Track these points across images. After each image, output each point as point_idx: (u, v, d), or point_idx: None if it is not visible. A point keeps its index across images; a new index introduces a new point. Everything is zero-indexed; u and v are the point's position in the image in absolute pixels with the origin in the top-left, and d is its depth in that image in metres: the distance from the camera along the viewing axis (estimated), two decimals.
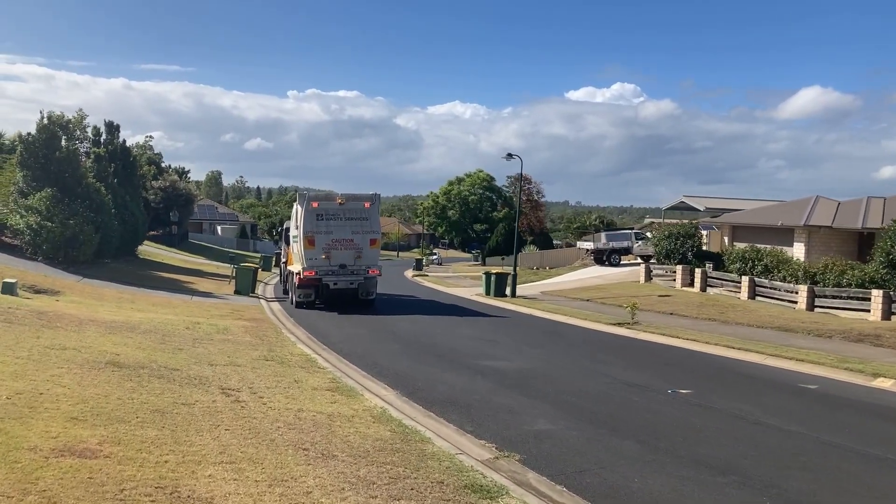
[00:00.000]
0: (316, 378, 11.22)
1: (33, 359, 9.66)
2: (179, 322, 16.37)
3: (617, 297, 27.36)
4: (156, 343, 12.83)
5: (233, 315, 19.56)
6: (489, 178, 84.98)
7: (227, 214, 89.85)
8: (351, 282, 23.84)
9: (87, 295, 20.17)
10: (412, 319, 21.22)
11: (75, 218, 26.00)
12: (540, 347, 15.96)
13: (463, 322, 20.80)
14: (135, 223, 35.87)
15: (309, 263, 23.33)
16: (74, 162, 27.99)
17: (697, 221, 31.95)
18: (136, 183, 39.99)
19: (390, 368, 12.73)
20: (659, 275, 31.72)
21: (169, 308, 19.82)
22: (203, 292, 26.13)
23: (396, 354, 14.47)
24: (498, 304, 26.85)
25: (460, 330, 18.77)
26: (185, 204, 54.25)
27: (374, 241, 24.17)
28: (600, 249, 40.96)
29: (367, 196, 24.47)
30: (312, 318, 20.78)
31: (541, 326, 20.40)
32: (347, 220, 23.76)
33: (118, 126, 38.88)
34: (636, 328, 19.35)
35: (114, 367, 9.89)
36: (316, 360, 13.20)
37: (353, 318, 21.21)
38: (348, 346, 15.32)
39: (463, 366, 13.14)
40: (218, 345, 13.74)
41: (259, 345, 14.48)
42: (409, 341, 16.44)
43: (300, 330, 18.03)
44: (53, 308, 15.50)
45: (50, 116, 27.47)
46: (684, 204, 42.74)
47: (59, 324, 13.30)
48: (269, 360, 12.60)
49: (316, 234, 23.44)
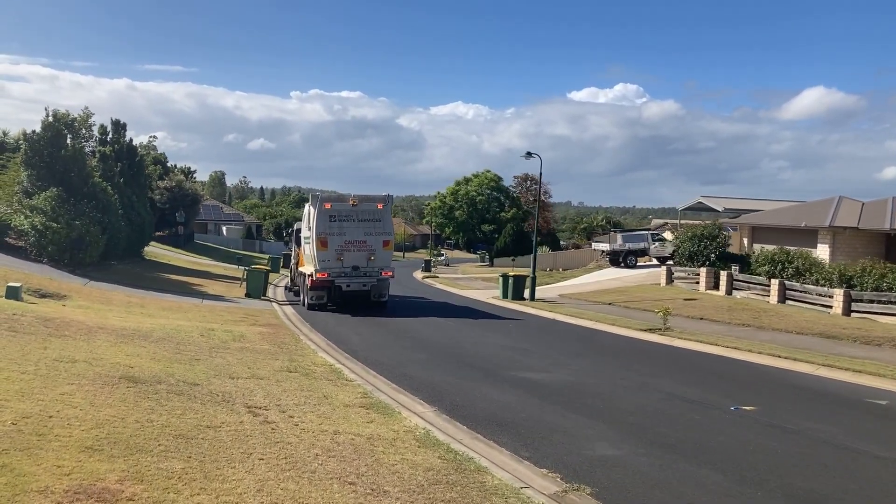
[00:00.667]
0: (346, 393, 10.35)
1: (41, 374, 8.80)
2: (193, 329, 15.51)
3: (641, 301, 26.47)
4: (171, 353, 11.97)
5: (247, 320, 18.70)
6: (497, 178, 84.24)
7: (232, 215, 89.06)
8: (364, 284, 23.07)
9: (94, 299, 19.32)
10: (432, 324, 20.34)
11: (81, 218, 25.17)
12: (576, 356, 15.07)
13: (486, 327, 19.91)
14: (141, 224, 35.03)
15: (321, 265, 22.56)
16: (80, 161, 27.16)
17: (721, 222, 31.04)
18: (143, 182, 39.17)
19: (422, 380, 11.85)
20: (681, 277, 30.79)
21: (180, 313, 18.97)
22: (213, 295, 25.27)
23: (425, 364, 13.60)
24: (517, 307, 25.95)
25: (487, 336, 17.89)
26: (191, 204, 53.40)
27: (388, 242, 23.39)
28: (616, 251, 40.01)
29: (379, 197, 23.71)
30: (328, 323, 19.92)
31: (570, 333, 19.50)
32: (360, 221, 23.03)
33: (125, 124, 38.07)
34: (669, 334, 18.45)
35: (129, 383, 9.03)
36: (341, 370, 12.32)
37: (370, 322, 20.36)
38: (372, 355, 14.46)
39: (499, 378, 12.25)
40: (236, 354, 12.89)
41: (279, 353, 13.62)
42: (435, 349, 15.56)
43: (318, 336, 17.17)
44: (60, 314, 14.65)
45: (55, 114, 26.62)
46: (701, 204, 41.80)
47: (67, 332, 12.44)
48: (293, 371, 11.73)
49: (329, 236, 22.67)
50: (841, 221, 31.88)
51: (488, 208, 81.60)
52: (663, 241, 40.66)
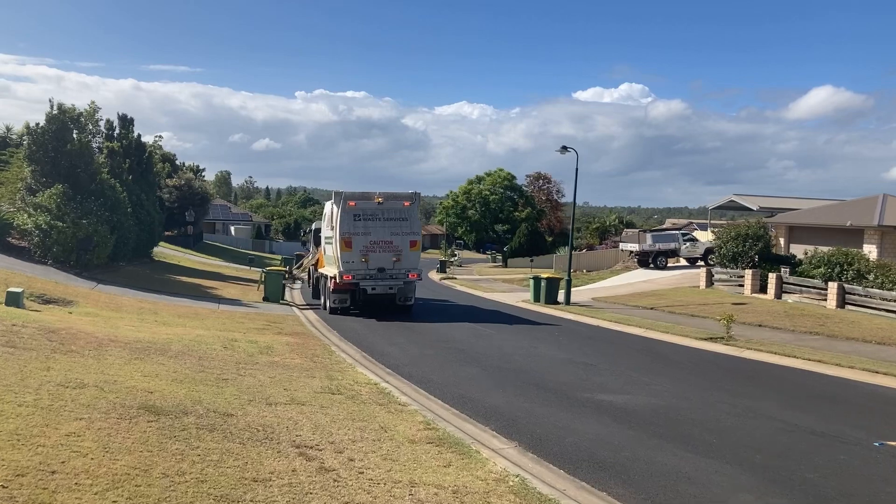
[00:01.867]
0: (405, 422, 8.68)
1: (42, 406, 7.15)
2: (213, 339, 13.88)
3: (685, 306, 24.74)
4: (193, 371, 10.33)
5: (270, 328, 17.06)
6: (510, 176, 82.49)
7: (240, 214, 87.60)
8: (390, 286, 21.52)
9: (103, 305, 17.70)
10: (469, 331, 18.67)
11: (89, 217, 23.56)
12: (648, 372, 13.36)
13: (531, 336, 18.23)
14: (151, 223, 33.44)
15: (345, 267, 20.99)
16: (87, 156, 25.54)
17: (765, 221, 29.31)
18: (152, 180, 37.59)
19: (486, 405, 10.18)
20: (722, 280, 29.03)
21: (197, 320, 17.34)
22: (229, 299, 23.65)
23: (480, 382, 11.92)
24: (554, 312, 24.24)
25: (537, 347, 16.19)
26: (200, 203, 51.81)
27: (415, 242, 21.80)
28: (645, 251, 38.22)
29: (406, 195, 22.12)
30: (357, 330, 18.28)
31: (625, 342, 17.79)
32: (386, 220, 21.47)
33: (132, 120, 36.53)
34: (734, 344, 16.75)
35: (150, 415, 7.39)
36: (389, 391, 10.66)
37: (401, 329, 18.71)
38: (417, 370, 12.80)
39: (574, 401, 10.57)
40: (266, 370, 11.24)
41: (314, 370, 11.97)
42: (485, 363, 13.87)
43: (350, 346, 15.52)
44: (66, 323, 13.02)
45: (60, 106, 24.99)
46: (734, 203, 40.02)
47: (74, 346, 10.81)
48: (335, 393, 10.08)
49: (353, 236, 21.10)
50: (890, 220, 30.14)
51: (502, 207, 79.82)
52: (694, 242, 38.91)
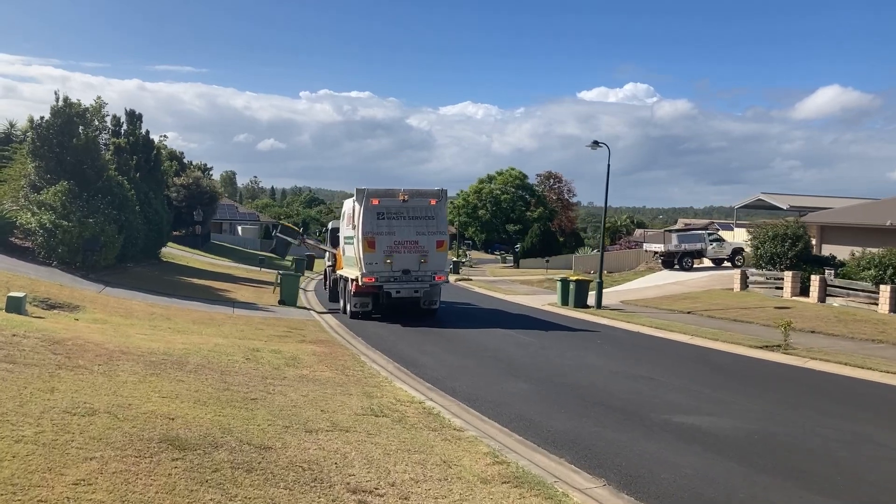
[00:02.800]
0: (467, 453, 7.41)
1: (45, 441, 5.89)
2: (234, 349, 12.62)
3: (724, 310, 23.41)
4: (217, 389, 9.07)
5: (292, 335, 15.80)
6: (521, 175, 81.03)
7: (247, 214, 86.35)
8: (416, 290, 20.28)
9: (112, 310, 16.46)
10: (505, 338, 17.39)
11: (95, 216, 22.33)
12: (719, 388, 12.04)
13: (572, 343, 16.94)
14: (159, 222, 32.20)
15: (368, 268, 19.76)
16: (94, 151, 24.32)
17: (804, 221, 27.99)
18: (160, 178, 36.36)
19: (550, 429, 8.91)
20: (758, 282, 27.68)
21: (213, 326, 16.08)
22: (244, 303, 22.40)
23: (535, 400, 10.65)
24: (586, 317, 22.93)
25: (584, 357, 14.89)
26: (209, 202, 50.53)
27: (442, 242, 20.54)
28: (671, 252, 36.87)
29: (433, 192, 20.87)
30: (383, 336, 17.03)
31: (674, 351, 16.48)
32: (411, 219, 20.25)
33: (140, 116, 35.24)
34: (795, 353, 15.44)
35: (174, 451, 6.13)
36: (437, 411, 9.39)
37: (430, 336, 17.47)
38: (461, 384, 11.53)
39: (651, 424, 9.27)
40: (297, 387, 9.99)
41: (347, 384, 10.72)
42: (533, 376, 12.59)
43: (380, 356, 14.26)
44: (72, 332, 11.78)
45: (66, 100, 23.77)
46: (762, 202, 38.64)
47: (82, 360, 9.55)
48: (379, 414, 8.82)
49: (377, 236, 19.87)
50: None
51: (513, 207, 78.34)
52: (721, 242, 37.58)
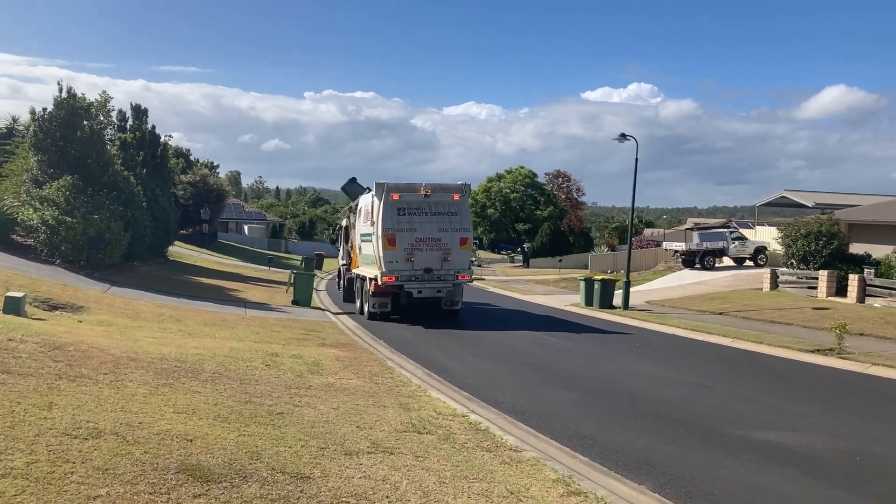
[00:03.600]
0: (533, 480, 6.33)
1: (38, 476, 4.82)
2: (251, 354, 11.56)
3: (758, 311, 22.29)
4: (239, 402, 8.01)
5: (311, 338, 14.74)
6: (531, 174, 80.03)
7: (253, 213, 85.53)
8: (438, 289, 19.25)
9: (118, 311, 15.41)
10: (536, 341, 16.31)
11: (101, 212, 21.31)
12: (787, 397, 10.93)
13: (610, 347, 15.85)
14: (166, 220, 31.20)
15: (388, 267, 18.72)
16: (99, 144, 23.31)
17: (838, 218, 26.86)
18: (167, 175, 35.39)
19: (617, 447, 7.83)
20: (789, 281, 26.53)
21: (226, 329, 15.03)
22: (256, 303, 21.35)
23: (588, 412, 9.56)
24: (615, 318, 21.83)
25: (630, 363, 13.78)
26: (216, 200, 49.53)
27: (465, 240, 19.49)
28: (692, 251, 35.72)
29: (456, 186, 19.86)
30: (407, 339, 15.97)
31: (723, 356, 15.32)
32: (434, 214, 19.23)
33: (146, 110, 34.32)
34: (852, 358, 14.32)
35: (195, 484, 5.07)
36: (485, 426, 8.31)
37: (455, 339, 16.40)
38: (501, 393, 10.47)
39: (729, 441, 8.18)
40: (325, 397, 8.92)
41: (379, 393, 9.65)
42: (578, 383, 11.50)
43: (407, 361, 13.20)
44: (75, 336, 10.73)
45: (69, 90, 22.74)
46: (786, 199, 37.43)
47: (85, 369, 8.49)
48: (421, 430, 7.76)
49: (398, 232, 18.83)
50: None
51: (523, 206, 77.29)
52: (743, 241, 36.43)
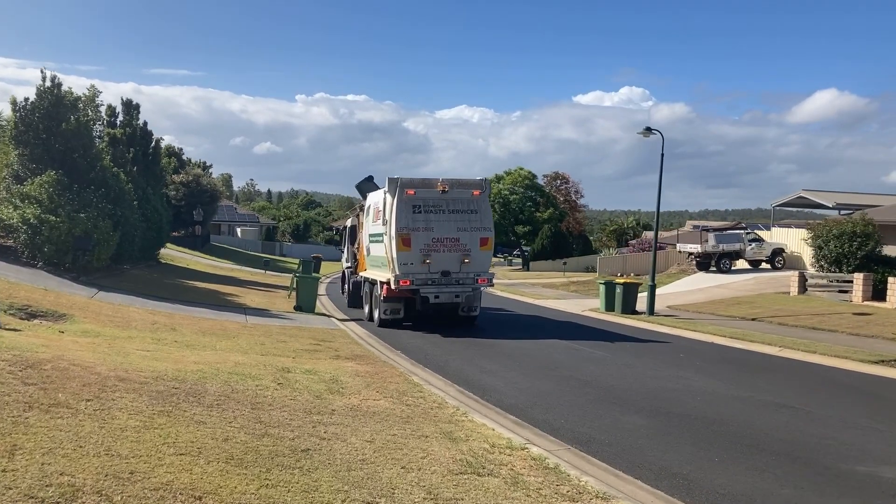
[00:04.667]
0: None
1: None
2: (259, 369, 9.99)
3: (794, 316, 20.86)
4: (253, 435, 6.45)
5: (322, 349, 13.16)
6: (531, 175, 78.45)
7: (247, 215, 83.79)
8: (456, 294, 17.79)
9: (106, 319, 13.78)
10: (570, 352, 14.81)
11: (87, 210, 19.68)
12: (888, 420, 9.49)
13: (655, 359, 14.36)
14: (158, 221, 29.53)
15: (403, 270, 17.20)
16: (86, 137, 21.65)
17: (871, 218, 25.55)
18: (159, 174, 33.71)
19: (723, 490, 6.33)
20: (820, 285, 25.15)
21: (227, 338, 13.43)
22: (256, 309, 19.76)
23: (668, 443, 8.04)
24: (643, 325, 20.36)
25: (686, 378, 12.26)
26: (209, 201, 47.79)
27: (486, 240, 17.97)
28: (708, 253, 34.35)
29: (475, 182, 18.44)
30: (426, 350, 14.42)
31: (783, 369, 13.82)
32: (451, 213, 17.74)
33: (137, 105, 32.60)
34: None
35: None
36: (552, 462, 6.80)
37: (480, 348, 14.87)
38: (555, 417, 8.96)
39: (857, 483, 6.70)
40: (354, 425, 7.38)
41: (414, 418, 8.12)
42: (639, 403, 9.99)
43: (434, 376, 11.66)
44: (55, 350, 9.14)
45: (54, 79, 21.08)
46: (804, 199, 36.12)
47: (63, 394, 6.91)
48: (480, 471, 6.24)
49: (413, 232, 17.31)
50: None
51: (522, 208, 75.68)
52: (760, 242, 35.11)
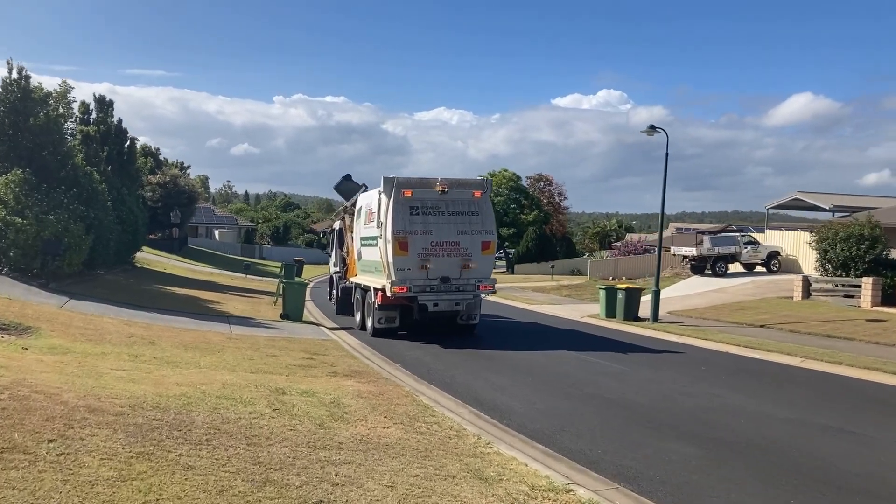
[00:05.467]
0: None
1: None
2: (250, 391, 8.81)
3: (805, 323, 20.03)
4: (254, 483, 5.31)
5: (317, 364, 11.98)
6: (515, 176, 77.64)
7: (224, 217, 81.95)
8: (456, 302, 16.75)
9: (76, 332, 12.47)
10: (582, 365, 13.78)
11: (58, 211, 18.30)
12: None
13: (677, 371, 13.36)
14: (134, 222, 28.07)
15: (400, 276, 16.10)
16: (57, 134, 20.26)
17: (878, 221, 24.87)
18: (134, 173, 32.23)
19: None
20: (825, 290, 24.41)
21: (212, 353, 12.19)
22: (240, 318, 18.50)
23: (729, 478, 7.01)
24: (649, 333, 19.40)
25: (719, 395, 11.24)
26: (187, 203, 46.18)
27: (488, 244, 16.90)
28: (703, 256, 33.58)
29: (476, 182, 17.44)
30: (428, 364, 13.30)
31: (813, 382, 12.90)
32: (451, 214, 16.67)
33: (111, 102, 31.15)
34: None
35: None
36: None
37: (485, 361, 13.78)
38: (595, 447, 7.90)
39: None
40: (368, 465, 6.26)
41: (433, 452, 7.02)
42: (678, 427, 8.95)
43: (443, 395, 10.55)
44: (14, 372, 7.90)
45: (21, 71, 19.66)
46: (800, 202, 35.53)
47: (20, 433, 5.70)
48: None
49: (410, 235, 16.22)
50: None
51: (507, 210, 74.68)
52: (755, 245, 34.40)
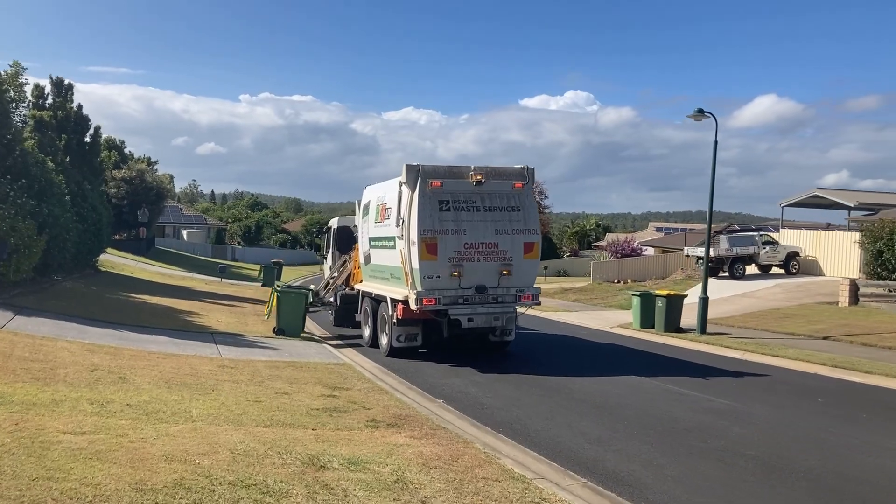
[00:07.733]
0: None
1: None
2: (272, 465, 5.84)
3: (877, 335, 17.58)
4: None
5: (343, 405, 8.97)
6: None
7: (193, 217, 77.88)
8: (495, 316, 13.70)
9: (18, 366, 9.27)
10: (662, 395, 11.03)
11: (2, 207, 15.03)
12: None
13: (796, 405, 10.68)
14: (97, 221, 24.63)
15: (427, 284, 13.08)
16: (3, 119, 16.94)
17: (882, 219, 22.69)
18: (98, 167, 28.76)
19: None
20: (876, 294, 22.11)
21: (202, 392, 9.11)
22: (226, 333, 15.36)
23: None
24: (708, 349, 16.77)
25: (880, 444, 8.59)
26: (155, 200, 42.51)
27: (531, 245, 13.95)
28: (720, 258, 31.23)
29: (516, 171, 14.22)
30: (480, 398, 10.45)
31: None
32: (488, 210, 13.57)
33: (70, 85, 27.68)
34: None
35: None
36: None
37: (544, 392, 10.99)
38: None
39: None
40: None
41: None
42: None
43: (530, 456, 7.73)
44: None
45: None
46: (819, 199, 33.35)
47: None
48: None
49: (440, 235, 13.19)
50: None
51: None
52: (774, 246, 32.19)
